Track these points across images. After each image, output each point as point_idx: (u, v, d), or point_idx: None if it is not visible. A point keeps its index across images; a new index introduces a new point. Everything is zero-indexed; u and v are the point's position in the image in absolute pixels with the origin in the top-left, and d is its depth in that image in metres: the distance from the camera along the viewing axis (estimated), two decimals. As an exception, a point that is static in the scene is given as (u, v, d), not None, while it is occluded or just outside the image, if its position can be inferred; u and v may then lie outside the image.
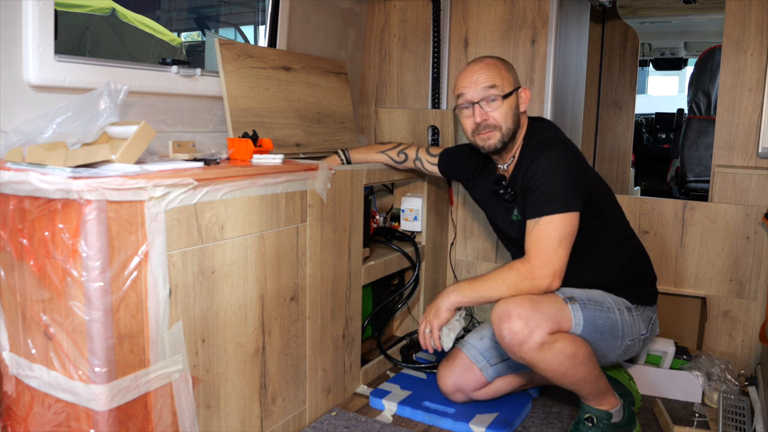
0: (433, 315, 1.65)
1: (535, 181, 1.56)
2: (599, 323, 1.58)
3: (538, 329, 1.47)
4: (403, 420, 1.80)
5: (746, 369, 2.11)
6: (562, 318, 1.52)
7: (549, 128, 1.73)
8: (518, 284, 1.53)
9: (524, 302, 1.50)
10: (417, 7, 2.57)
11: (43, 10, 1.43)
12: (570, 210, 1.52)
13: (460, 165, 1.95)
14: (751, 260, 2.10)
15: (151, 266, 1.21)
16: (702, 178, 3.23)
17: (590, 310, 1.57)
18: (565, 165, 1.56)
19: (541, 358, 1.49)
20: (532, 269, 1.52)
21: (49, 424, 1.24)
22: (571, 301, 1.55)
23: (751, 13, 2.08)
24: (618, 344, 1.65)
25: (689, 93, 3.40)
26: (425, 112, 2.53)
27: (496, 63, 1.66)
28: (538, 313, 1.48)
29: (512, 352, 1.51)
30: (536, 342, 1.47)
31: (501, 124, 1.63)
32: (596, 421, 1.60)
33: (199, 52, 3.55)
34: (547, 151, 1.58)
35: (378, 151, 2.09)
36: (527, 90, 1.70)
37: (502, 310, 1.50)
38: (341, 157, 2.06)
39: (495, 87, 1.61)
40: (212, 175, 1.34)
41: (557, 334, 1.50)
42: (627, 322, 1.65)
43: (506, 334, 1.49)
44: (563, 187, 1.53)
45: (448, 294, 1.64)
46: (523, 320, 1.47)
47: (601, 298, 1.63)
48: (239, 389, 1.48)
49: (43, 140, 1.29)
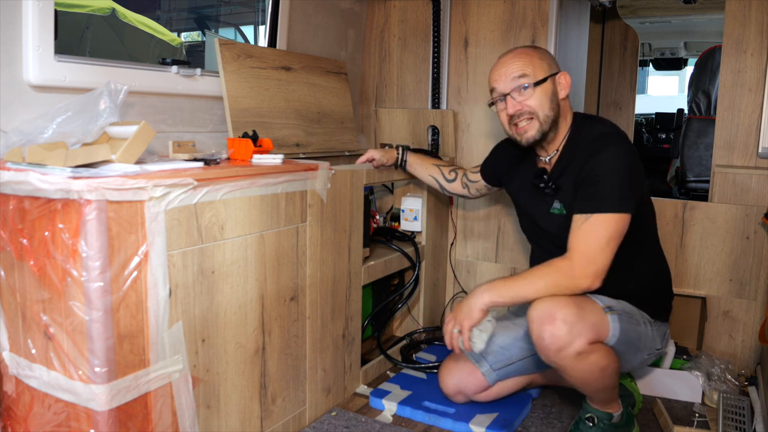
0: (464, 315, 1.53)
1: (594, 174, 1.49)
2: (630, 335, 1.55)
3: (579, 338, 1.42)
4: (403, 420, 1.80)
5: (746, 369, 2.11)
6: (602, 328, 1.48)
7: (604, 121, 1.65)
8: (558, 282, 1.46)
9: (569, 305, 1.43)
10: (417, 7, 2.57)
11: (43, 10, 1.43)
12: (624, 211, 1.46)
13: (500, 159, 1.90)
14: (751, 260, 2.10)
15: (151, 266, 1.21)
16: (702, 178, 3.22)
17: (625, 322, 1.53)
18: (627, 163, 1.50)
19: (573, 366, 1.46)
20: (574, 267, 1.45)
21: (49, 424, 1.24)
22: (610, 311, 1.51)
23: (751, 13, 2.08)
24: (638, 357, 1.64)
25: (689, 93, 3.40)
26: (425, 112, 2.53)
27: (527, 51, 1.61)
28: (582, 320, 1.43)
29: (547, 355, 1.47)
30: (575, 350, 1.43)
31: (537, 111, 1.58)
32: (597, 421, 1.60)
33: (199, 52, 3.55)
34: (611, 146, 1.51)
35: (433, 164, 2.09)
36: (566, 74, 1.63)
37: (546, 310, 1.44)
38: (399, 155, 2.05)
39: (525, 76, 1.57)
40: (212, 175, 1.34)
41: (595, 345, 1.46)
42: (648, 336, 1.63)
43: (547, 336, 1.43)
44: (622, 185, 1.47)
45: (481, 293, 1.52)
46: (567, 326, 1.41)
47: (631, 310, 1.59)
48: (239, 389, 1.48)
49: (43, 140, 1.29)
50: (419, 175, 2.11)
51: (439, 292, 2.54)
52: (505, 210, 2.46)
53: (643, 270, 1.66)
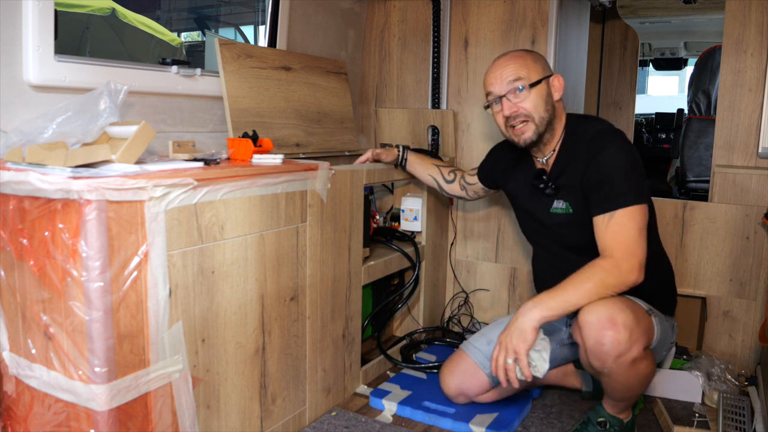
0: (518, 340, 1.41)
1: (604, 174, 1.50)
2: (662, 336, 1.57)
3: (638, 343, 1.41)
4: (403, 420, 1.80)
5: (746, 369, 2.11)
6: (651, 332, 1.48)
7: (600, 121, 1.67)
8: (605, 280, 1.42)
9: (626, 309, 1.41)
10: (417, 7, 2.57)
11: (43, 10, 1.43)
12: (642, 202, 1.47)
13: (497, 160, 1.91)
14: (751, 260, 2.10)
15: (151, 266, 1.21)
16: (702, 178, 3.22)
17: (660, 323, 1.54)
18: (632, 156, 1.51)
19: (624, 372, 1.43)
20: (618, 263, 1.43)
21: (49, 424, 1.24)
22: (652, 313, 1.51)
23: (751, 13, 2.08)
24: (662, 353, 1.66)
25: (689, 93, 3.40)
26: (425, 112, 2.53)
27: (521, 54, 1.63)
28: (639, 325, 1.42)
29: (602, 359, 1.42)
30: (632, 357, 1.41)
31: (532, 113, 1.59)
32: (608, 427, 1.59)
33: (199, 52, 3.55)
34: (612, 143, 1.53)
35: (433, 163, 2.10)
36: (559, 77, 1.64)
37: (604, 314, 1.39)
38: (399, 153, 2.07)
39: (520, 78, 1.58)
40: (212, 175, 1.34)
41: (646, 351, 1.46)
42: (668, 332, 1.65)
43: (608, 341, 1.39)
44: (634, 179, 1.49)
45: (528, 311, 1.42)
46: (628, 331, 1.39)
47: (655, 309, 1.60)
48: (239, 389, 1.48)
49: (43, 140, 1.29)
50: (419, 175, 2.11)
51: (439, 292, 2.54)
52: (505, 210, 2.46)
53: (651, 265, 1.66)
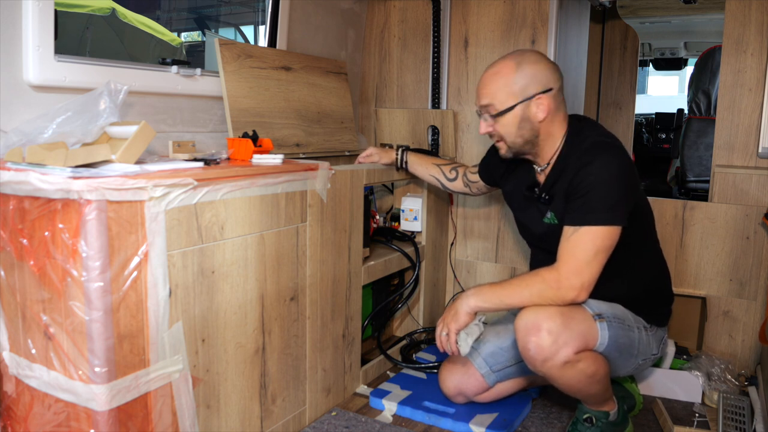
0: (451, 318, 1.59)
1: (583, 186, 1.47)
2: (621, 341, 1.55)
3: (565, 347, 1.43)
4: (403, 420, 1.80)
5: (746, 369, 2.11)
6: (590, 336, 1.48)
7: (597, 129, 1.61)
8: (543, 293, 1.46)
9: (555, 316, 1.43)
10: (417, 7, 2.57)
11: (43, 10, 1.43)
12: (614, 223, 1.44)
13: (496, 159, 1.87)
14: (751, 260, 2.10)
15: (151, 266, 1.21)
16: (702, 178, 3.22)
17: (615, 329, 1.53)
18: (617, 173, 1.46)
19: (561, 375, 1.47)
20: (560, 279, 1.45)
21: (49, 424, 1.24)
22: (599, 318, 1.50)
23: (751, 13, 2.08)
24: (632, 362, 1.64)
25: (689, 93, 3.40)
26: (425, 112, 2.53)
27: (502, 73, 1.56)
28: (567, 330, 1.43)
29: (533, 365, 1.48)
30: (561, 360, 1.44)
31: (504, 136, 1.59)
32: (595, 421, 1.60)
33: (199, 52, 3.56)
34: (601, 156, 1.48)
35: (434, 163, 2.09)
36: (545, 97, 1.54)
37: (531, 321, 1.45)
38: (398, 156, 2.06)
39: (489, 105, 1.57)
40: (212, 175, 1.34)
41: (582, 353, 1.46)
42: (643, 341, 1.63)
43: (532, 347, 1.44)
44: (612, 197, 1.45)
45: (468, 297, 1.56)
46: (552, 336, 1.42)
47: (623, 315, 1.58)
48: (239, 389, 1.48)
49: (43, 140, 1.29)
50: (421, 175, 2.11)
51: (439, 292, 2.54)
52: (505, 210, 2.46)
53: (639, 276, 1.65)
